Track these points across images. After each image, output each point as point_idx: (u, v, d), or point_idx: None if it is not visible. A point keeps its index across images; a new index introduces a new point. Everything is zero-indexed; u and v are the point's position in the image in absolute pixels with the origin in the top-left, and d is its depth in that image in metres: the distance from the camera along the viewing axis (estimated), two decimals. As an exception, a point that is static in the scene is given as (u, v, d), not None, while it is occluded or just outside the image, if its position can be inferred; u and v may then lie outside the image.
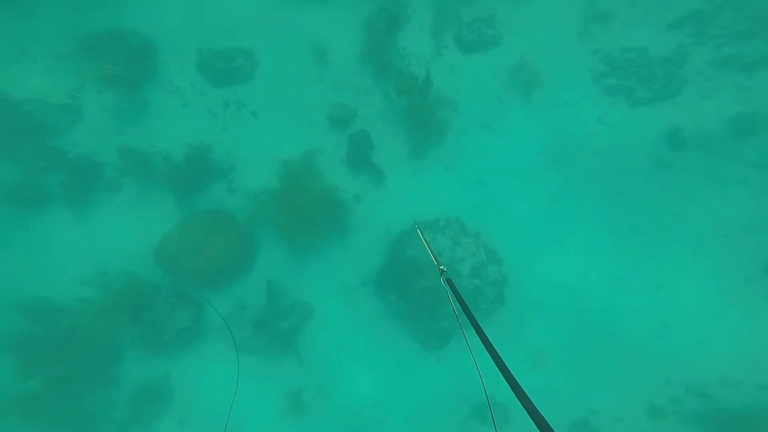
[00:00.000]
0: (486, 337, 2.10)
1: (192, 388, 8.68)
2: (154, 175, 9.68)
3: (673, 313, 8.93)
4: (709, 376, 8.50)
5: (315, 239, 9.80)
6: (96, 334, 8.59)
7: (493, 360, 1.94)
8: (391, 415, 8.65)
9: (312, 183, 9.92)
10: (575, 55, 9.79)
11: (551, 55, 9.83)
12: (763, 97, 9.53)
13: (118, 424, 8.42)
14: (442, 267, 3.02)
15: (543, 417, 1.54)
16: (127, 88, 10.02)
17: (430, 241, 8.85)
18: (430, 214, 9.60)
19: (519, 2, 10.45)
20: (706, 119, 9.59)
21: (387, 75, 10.41)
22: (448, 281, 2.84)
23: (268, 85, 10.60)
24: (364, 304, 9.27)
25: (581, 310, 9.13)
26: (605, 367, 8.79)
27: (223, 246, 9.26)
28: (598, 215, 9.37)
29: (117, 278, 9.05)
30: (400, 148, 10.17)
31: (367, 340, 9.13)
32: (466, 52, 10.41)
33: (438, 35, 10.45)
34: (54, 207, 9.35)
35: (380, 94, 10.47)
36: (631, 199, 9.39)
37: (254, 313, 9.09)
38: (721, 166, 9.44)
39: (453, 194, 9.87)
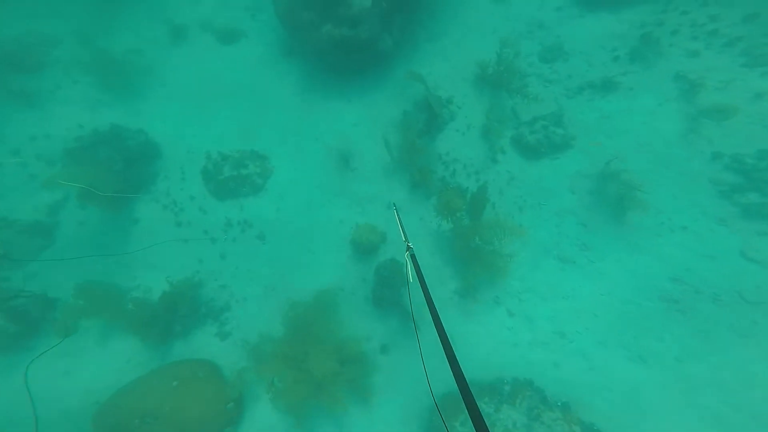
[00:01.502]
0: (436, 312, 2.30)
1: None
2: (121, 317, 7.54)
3: None
4: None
5: (326, 408, 7.02)
6: None
7: (440, 339, 2.06)
8: None
9: (328, 332, 7.35)
10: (684, 160, 7.08)
11: (649, 160, 7.21)
12: None
13: None
14: (409, 244, 3.46)
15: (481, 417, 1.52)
16: (114, 205, 8.35)
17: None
18: (488, 373, 6.67)
19: (592, 95, 8.18)
20: None
21: (426, 187, 8.17)
22: (412, 257, 3.20)
23: (281, 199, 8.67)
24: None
25: None
26: None
27: (199, 410, 6.69)
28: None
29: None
30: (443, 285, 7.55)
31: None
32: (529, 158, 8.04)
33: (491, 136, 8.25)
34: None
35: (417, 211, 8.17)
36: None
37: None
38: None
39: (521, 349, 6.90)
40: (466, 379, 1.72)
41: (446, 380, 2.20)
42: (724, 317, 6.25)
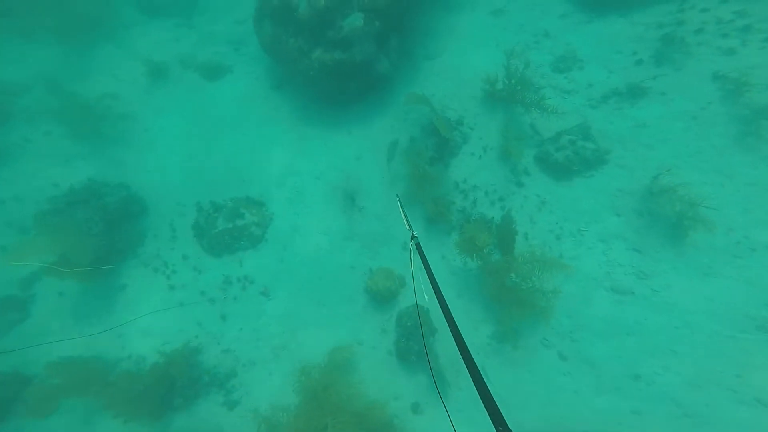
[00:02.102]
0: (444, 301, 2.26)
1: None
2: (107, 393, 6.46)
3: None
4: None
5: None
6: None
7: (449, 324, 1.99)
8: None
9: (348, 396, 6.28)
10: (748, 167, 6.23)
11: (703, 171, 6.34)
12: None
13: None
14: (414, 233, 3.33)
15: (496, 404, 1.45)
16: (95, 274, 7.32)
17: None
18: (550, 429, 5.66)
19: (619, 103, 7.40)
20: None
21: (445, 221, 7.25)
22: (417, 245, 3.10)
23: (284, 249, 7.73)
24: None
25: None
26: None
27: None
28: None
29: None
30: (476, 330, 6.56)
31: None
32: (558, 178, 7.17)
33: (511, 157, 7.40)
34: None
35: (437, 249, 7.23)
36: None
37: None
38: None
39: (584, 396, 5.84)
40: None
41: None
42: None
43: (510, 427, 1.33)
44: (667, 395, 5.38)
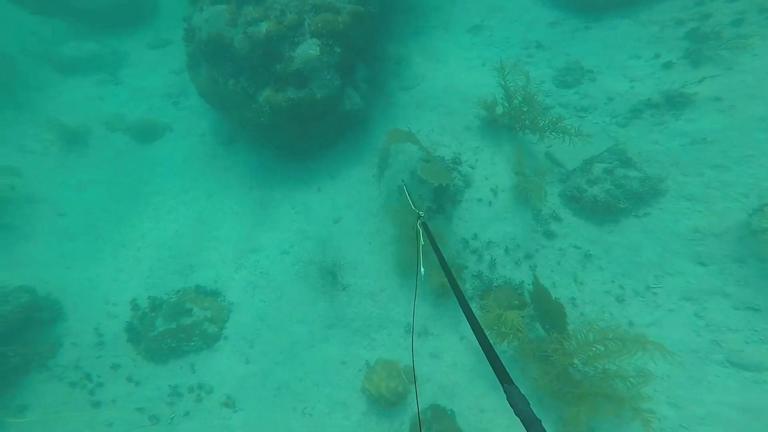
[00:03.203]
0: (453, 278, 2.21)
1: None
2: None
3: None
4: None
5: None
6: None
7: (459, 303, 2.01)
8: None
9: None
10: None
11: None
12: None
13: None
14: (420, 213, 3.36)
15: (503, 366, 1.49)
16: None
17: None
18: None
19: (657, 116, 5.82)
20: None
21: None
22: (424, 224, 3.08)
23: (251, 346, 5.92)
24: None
25: None
26: None
27: None
28: None
29: None
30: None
31: None
32: (600, 221, 5.39)
33: (531, 199, 5.62)
34: None
35: (455, 330, 5.26)
36: None
37: None
38: None
39: None
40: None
41: None
42: None
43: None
44: None
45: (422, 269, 3.09)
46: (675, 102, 5.69)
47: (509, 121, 6.08)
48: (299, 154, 6.89)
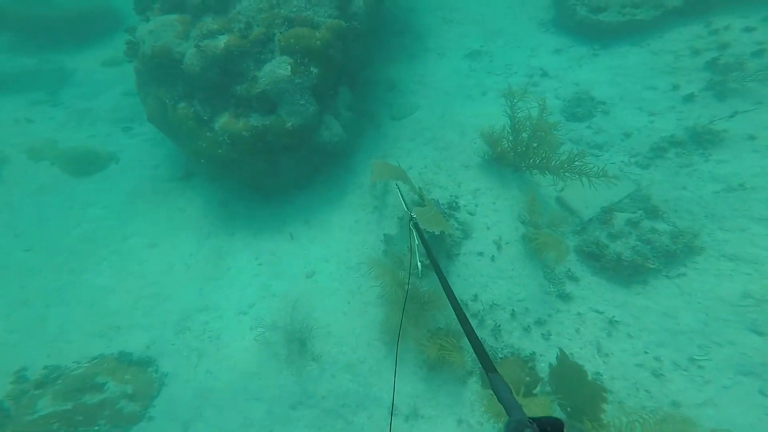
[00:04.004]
0: (444, 278, 2.33)
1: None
2: None
3: None
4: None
5: None
6: None
7: (449, 299, 2.12)
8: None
9: None
10: None
11: None
12: None
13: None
14: (412, 214, 3.52)
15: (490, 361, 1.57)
16: None
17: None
18: None
19: (683, 156, 5.04)
20: None
21: (453, 365, 4.30)
22: (415, 225, 3.31)
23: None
24: None
25: None
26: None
27: None
28: None
29: None
30: None
31: None
32: (626, 281, 4.49)
33: (542, 254, 4.70)
34: None
35: (451, 411, 4.24)
36: None
37: None
38: None
39: None
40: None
41: None
42: None
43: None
44: None
45: (419, 264, 3.67)
46: (702, 140, 4.92)
47: (515, 158, 5.21)
48: (268, 194, 5.85)
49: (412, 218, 3.40)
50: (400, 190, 4.34)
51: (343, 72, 5.78)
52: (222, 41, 4.49)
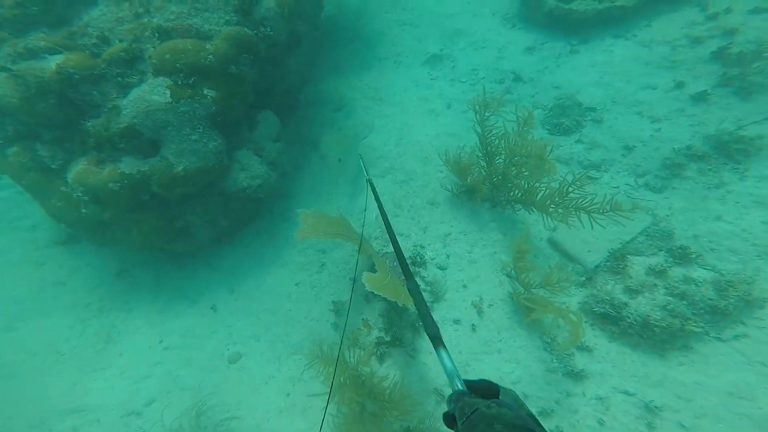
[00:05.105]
0: (393, 234, 2.39)
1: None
2: None
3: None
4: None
5: None
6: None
7: (398, 257, 2.16)
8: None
9: None
10: None
11: None
12: None
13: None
14: (369, 177, 3.40)
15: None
16: None
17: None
18: None
19: (710, 175, 3.89)
20: None
21: None
22: (369, 182, 3.25)
23: None
24: None
25: None
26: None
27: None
28: None
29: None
30: None
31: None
32: (655, 351, 3.24)
33: (539, 318, 3.42)
34: None
35: None
36: None
37: None
38: None
39: None
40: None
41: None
42: None
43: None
44: None
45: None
46: (731, 151, 3.80)
47: (491, 190, 3.96)
48: (180, 256, 4.40)
49: (369, 181, 3.31)
50: (362, 161, 3.92)
51: (266, 93, 4.45)
52: (53, 62, 3.09)
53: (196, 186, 3.69)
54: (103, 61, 3.20)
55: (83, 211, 3.50)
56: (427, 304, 3.64)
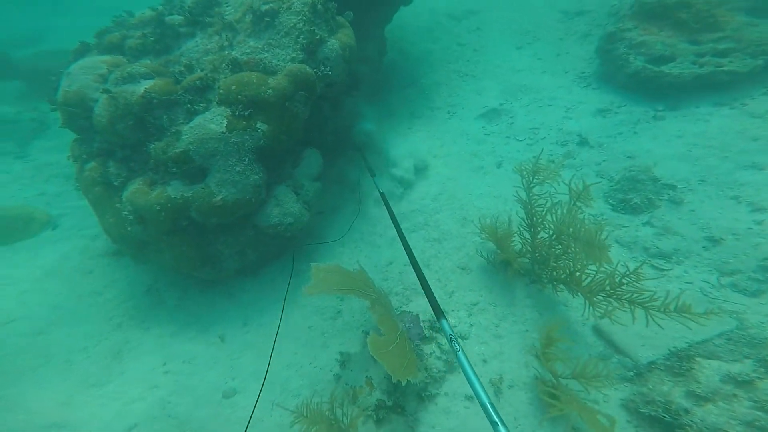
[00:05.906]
0: (386, 198, 2.87)
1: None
2: None
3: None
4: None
5: None
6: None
7: (395, 225, 2.57)
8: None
9: None
10: None
11: None
12: None
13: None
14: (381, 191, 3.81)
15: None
16: None
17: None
18: None
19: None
20: None
21: None
22: (382, 195, 3.67)
23: None
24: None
25: None
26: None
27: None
28: None
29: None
30: None
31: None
32: None
33: (565, 419, 2.82)
34: None
35: None
36: None
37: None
38: None
39: None
40: None
41: None
42: None
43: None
44: None
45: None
46: None
47: (531, 265, 3.53)
48: (206, 283, 4.56)
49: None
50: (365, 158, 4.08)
51: (317, 129, 4.59)
52: (142, 87, 3.48)
53: (231, 217, 3.81)
54: (181, 88, 3.54)
55: (129, 228, 3.78)
56: (440, 373, 3.28)
